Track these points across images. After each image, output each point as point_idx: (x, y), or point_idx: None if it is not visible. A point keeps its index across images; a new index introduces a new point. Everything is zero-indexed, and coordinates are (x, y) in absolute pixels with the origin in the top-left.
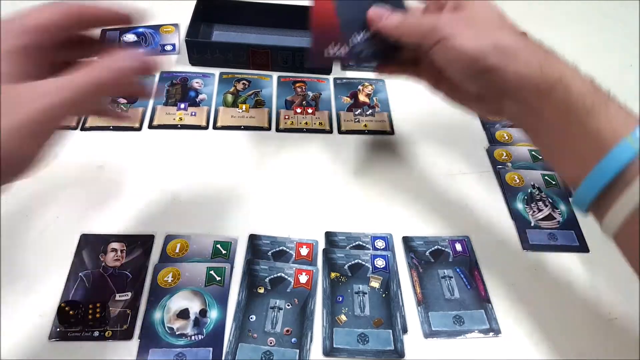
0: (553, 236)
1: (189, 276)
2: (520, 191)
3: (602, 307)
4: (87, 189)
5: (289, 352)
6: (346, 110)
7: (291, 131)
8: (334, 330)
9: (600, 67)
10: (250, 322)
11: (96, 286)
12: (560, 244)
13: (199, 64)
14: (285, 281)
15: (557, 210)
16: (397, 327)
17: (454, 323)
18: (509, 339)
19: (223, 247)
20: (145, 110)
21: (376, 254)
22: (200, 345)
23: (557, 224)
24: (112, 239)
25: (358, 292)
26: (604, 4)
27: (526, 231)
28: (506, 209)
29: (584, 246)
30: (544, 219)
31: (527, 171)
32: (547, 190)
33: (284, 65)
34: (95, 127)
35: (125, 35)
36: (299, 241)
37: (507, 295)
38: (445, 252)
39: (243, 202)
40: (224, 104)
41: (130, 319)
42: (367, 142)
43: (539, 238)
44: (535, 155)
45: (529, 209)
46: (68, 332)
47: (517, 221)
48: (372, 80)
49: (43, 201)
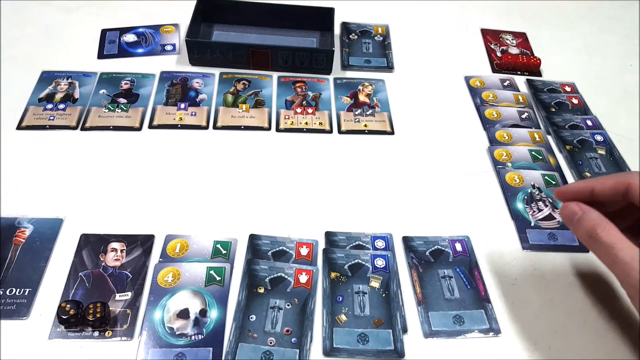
0: (553, 236)
1: (189, 276)
2: (520, 191)
3: (602, 307)
4: (87, 189)
5: (289, 352)
6: (346, 110)
7: (291, 131)
8: (334, 330)
9: (600, 67)
10: (250, 322)
11: (96, 286)
12: (561, 243)
13: (199, 64)
14: (285, 281)
15: (557, 210)
16: (397, 327)
17: (454, 323)
18: (509, 339)
19: (223, 247)
20: (145, 110)
21: (376, 254)
22: (200, 345)
23: (557, 224)
24: (112, 239)
25: (358, 292)
26: (604, 4)
27: (526, 231)
28: (506, 209)
29: (584, 246)
30: (544, 219)
31: (527, 171)
32: (547, 190)
33: (284, 65)
34: (95, 127)
35: (125, 35)
36: (299, 241)
37: (507, 295)
38: (445, 252)
39: (243, 202)
40: (224, 104)
41: (130, 319)
42: (367, 142)
43: (539, 238)
44: (535, 155)
45: (529, 209)
46: (68, 332)
47: (517, 221)
48: (372, 80)
49: (43, 201)
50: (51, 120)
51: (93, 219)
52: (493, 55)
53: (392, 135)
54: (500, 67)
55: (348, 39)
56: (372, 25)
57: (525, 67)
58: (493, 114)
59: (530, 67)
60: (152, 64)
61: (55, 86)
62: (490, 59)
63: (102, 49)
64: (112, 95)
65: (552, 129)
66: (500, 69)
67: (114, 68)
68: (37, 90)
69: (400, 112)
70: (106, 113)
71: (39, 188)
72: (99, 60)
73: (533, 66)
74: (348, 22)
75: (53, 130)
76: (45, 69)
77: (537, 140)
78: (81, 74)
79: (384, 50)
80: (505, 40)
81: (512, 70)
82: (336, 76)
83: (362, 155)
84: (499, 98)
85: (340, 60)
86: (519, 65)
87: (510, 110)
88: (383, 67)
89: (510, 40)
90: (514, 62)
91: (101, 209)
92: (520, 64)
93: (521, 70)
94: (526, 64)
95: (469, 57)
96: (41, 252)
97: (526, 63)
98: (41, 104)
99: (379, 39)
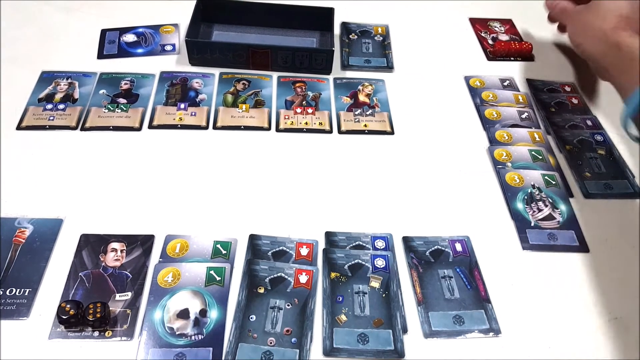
0: (553, 236)
1: (189, 276)
2: (520, 191)
3: (602, 307)
4: (87, 189)
5: (289, 352)
6: (346, 110)
7: (291, 131)
8: (334, 330)
9: None
10: (250, 322)
11: (96, 286)
12: (560, 244)
13: (199, 64)
14: (285, 281)
15: (557, 210)
16: (397, 327)
17: (454, 323)
18: (509, 339)
19: (223, 247)
20: (145, 110)
21: (376, 254)
22: (200, 345)
23: (557, 224)
24: (112, 239)
25: (358, 292)
26: None
27: (526, 231)
28: (506, 208)
29: (584, 246)
30: (544, 219)
31: (527, 171)
32: (547, 190)
33: (284, 65)
34: (95, 127)
35: (125, 35)
36: (299, 241)
37: (507, 295)
38: (445, 252)
39: (243, 202)
40: (224, 104)
41: (130, 319)
42: (367, 142)
43: (539, 238)
44: (535, 155)
45: (529, 209)
46: (68, 332)
47: (517, 221)
48: (372, 80)
49: (43, 201)
50: (51, 120)
51: (93, 219)
52: (485, 44)
53: (392, 135)
54: (494, 54)
55: (348, 39)
56: (372, 25)
57: (518, 53)
58: (493, 113)
59: (522, 52)
60: (152, 64)
61: (55, 86)
62: (482, 47)
63: (102, 49)
64: (112, 95)
65: (552, 129)
66: (494, 56)
67: (113, 68)
68: (37, 90)
69: (400, 112)
70: (106, 113)
71: (39, 188)
72: (98, 60)
73: (525, 51)
74: (348, 22)
75: (53, 130)
76: (45, 69)
77: (537, 140)
78: (81, 74)
79: (383, 50)
80: (494, 27)
81: (506, 56)
82: (336, 76)
83: (362, 155)
84: (498, 98)
85: (340, 60)
86: (512, 52)
87: (510, 110)
88: (383, 67)
89: (498, 27)
90: (507, 49)
91: (101, 209)
92: (513, 49)
93: (514, 56)
94: (519, 50)
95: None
96: (41, 252)
97: (519, 49)
98: (41, 104)
99: (379, 39)
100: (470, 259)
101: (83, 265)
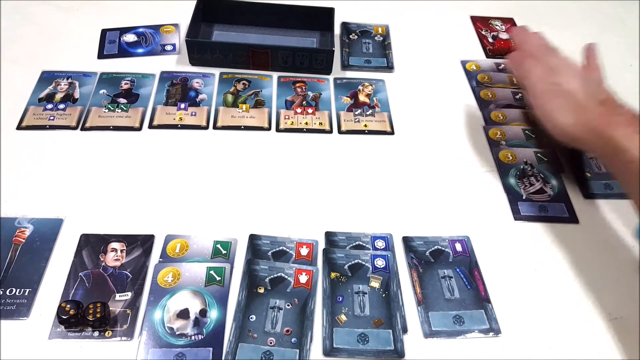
0: (544, 208)
1: (189, 276)
2: (512, 167)
3: (602, 307)
4: (87, 189)
5: (289, 352)
6: (346, 110)
7: (291, 131)
8: (334, 330)
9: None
10: (250, 322)
11: (96, 286)
12: (551, 215)
13: (199, 64)
14: (285, 281)
15: (549, 184)
16: (397, 327)
17: (454, 323)
18: (509, 339)
19: (223, 247)
20: (145, 110)
21: (376, 254)
22: (200, 345)
23: (548, 197)
24: (112, 239)
25: (358, 292)
26: (604, 4)
27: (517, 203)
28: (507, 207)
29: (573, 217)
30: (535, 192)
31: (520, 149)
32: (539, 166)
33: (284, 65)
34: (95, 127)
35: (125, 35)
36: (299, 241)
37: (507, 295)
38: (445, 252)
39: (243, 202)
40: (224, 104)
41: (130, 319)
42: (367, 142)
43: (530, 210)
44: (529, 134)
45: (521, 184)
46: (68, 332)
47: (510, 194)
48: (372, 80)
49: (43, 201)
50: (51, 120)
51: (93, 219)
52: (485, 42)
53: (392, 135)
54: (493, 52)
55: (348, 39)
56: (372, 25)
57: None
58: (488, 94)
59: None
60: (152, 64)
61: (55, 86)
62: (482, 44)
63: (102, 49)
64: (112, 95)
65: None
66: (493, 54)
67: (114, 68)
68: (37, 90)
69: (400, 112)
70: (106, 113)
71: (39, 188)
72: (99, 60)
73: None
74: (348, 22)
75: (53, 130)
76: (45, 69)
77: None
78: (81, 74)
79: (384, 50)
80: (495, 26)
81: (505, 54)
82: (336, 76)
83: (362, 155)
84: (493, 80)
85: (340, 60)
86: (512, 50)
87: (505, 91)
88: (383, 67)
89: (499, 26)
90: (507, 47)
91: (101, 209)
92: (513, 48)
93: None
94: None
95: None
96: (41, 252)
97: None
98: (41, 104)
99: (379, 39)
100: (470, 259)
101: (83, 265)
